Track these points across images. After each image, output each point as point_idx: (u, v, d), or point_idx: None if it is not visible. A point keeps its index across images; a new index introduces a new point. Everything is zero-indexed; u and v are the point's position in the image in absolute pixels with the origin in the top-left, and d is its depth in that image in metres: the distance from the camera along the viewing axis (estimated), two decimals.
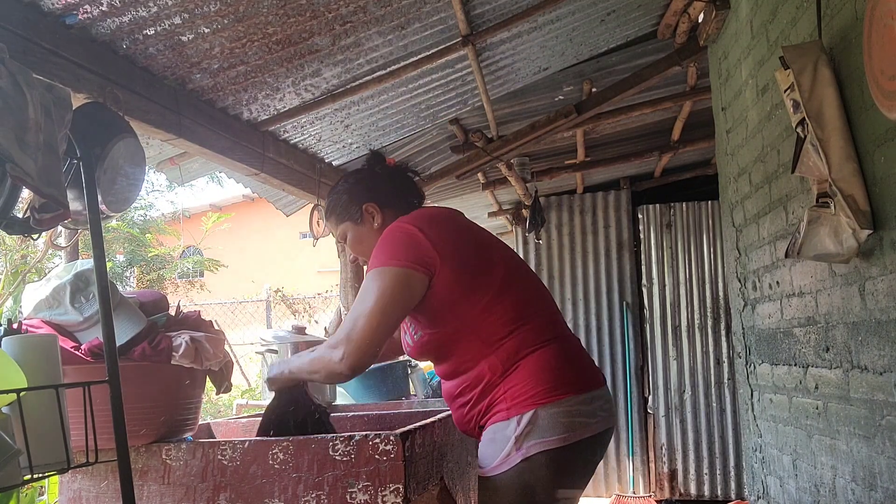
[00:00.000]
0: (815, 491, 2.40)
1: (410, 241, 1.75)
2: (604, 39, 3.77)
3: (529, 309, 1.80)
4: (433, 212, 1.90)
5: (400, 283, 1.72)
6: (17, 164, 1.34)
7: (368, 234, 1.92)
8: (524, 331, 1.76)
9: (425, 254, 1.73)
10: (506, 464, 1.69)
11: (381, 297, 1.71)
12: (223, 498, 1.71)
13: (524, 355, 1.73)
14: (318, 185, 3.73)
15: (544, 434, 1.67)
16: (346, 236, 1.97)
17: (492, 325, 1.75)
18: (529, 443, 1.67)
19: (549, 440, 1.67)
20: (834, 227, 1.92)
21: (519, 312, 1.77)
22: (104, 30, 2.14)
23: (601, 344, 5.92)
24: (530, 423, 1.67)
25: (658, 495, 5.74)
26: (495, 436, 1.72)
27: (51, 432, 1.34)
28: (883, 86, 1.66)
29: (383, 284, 1.72)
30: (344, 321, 1.77)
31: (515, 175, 5.09)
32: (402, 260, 1.72)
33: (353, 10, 2.50)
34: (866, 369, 1.94)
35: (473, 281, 1.76)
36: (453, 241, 1.79)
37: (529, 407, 1.68)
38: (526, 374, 1.72)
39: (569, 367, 1.77)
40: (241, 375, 8.27)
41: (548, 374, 1.72)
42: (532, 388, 1.70)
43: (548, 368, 1.72)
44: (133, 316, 1.83)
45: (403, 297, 1.73)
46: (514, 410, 1.70)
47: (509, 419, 1.70)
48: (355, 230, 1.95)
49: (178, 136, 2.55)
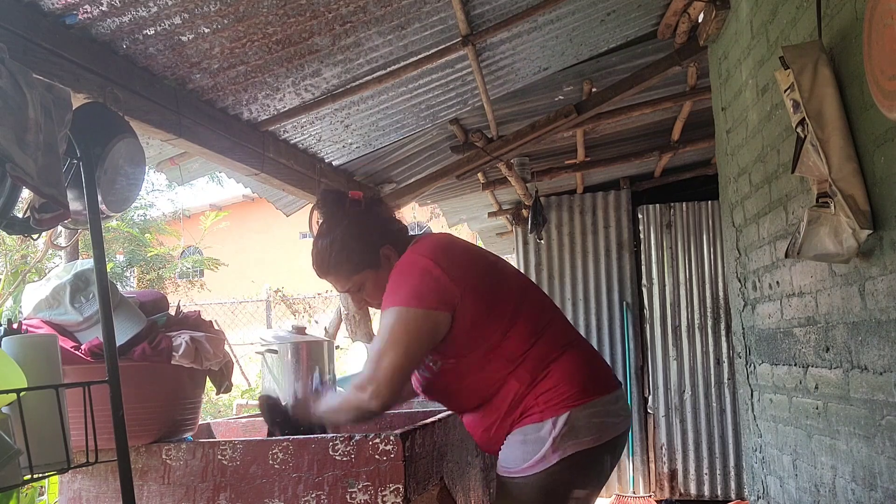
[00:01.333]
0: (815, 491, 2.41)
1: (431, 278, 1.73)
2: (604, 39, 3.77)
3: (543, 320, 1.82)
4: (443, 242, 1.86)
5: (424, 325, 1.72)
6: (17, 164, 1.34)
7: (386, 277, 1.84)
8: (543, 341, 1.78)
9: (446, 291, 1.72)
10: (542, 464, 1.71)
11: (404, 338, 1.71)
12: (223, 498, 1.71)
13: (552, 360, 1.76)
14: (318, 185, 3.73)
15: (580, 435, 1.71)
16: (363, 285, 1.89)
17: (514, 343, 1.77)
18: (567, 443, 1.70)
19: (585, 440, 1.71)
20: (834, 227, 1.92)
21: (535, 326, 1.80)
22: (104, 30, 2.14)
23: (601, 344, 5.92)
24: (566, 425, 1.70)
25: (658, 495, 5.74)
26: (527, 437, 1.73)
27: (51, 432, 1.35)
28: (883, 86, 1.66)
29: (408, 326, 1.71)
30: (368, 361, 1.77)
31: (515, 175, 5.09)
32: (426, 301, 1.72)
33: (353, 10, 2.50)
34: (866, 369, 1.94)
35: (493, 307, 1.77)
36: (470, 271, 1.79)
37: (564, 409, 1.71)
38: (557, 378, 1.74)
39: (593, 368, 1.82)
40: (241, 375, 8.27)
41: (578, 377, 1.75)
42: (566, 390, 1.73)
43: (577, 371, 1.76)
44: (133, 316, 1.83)
45: (427, 338, 1.73)
46: (547, 413, 1.72)
47: (543, 421, 1.72)
48: (375, 277, 1.87)
49: (178, 136, 2.55)
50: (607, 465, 1.80)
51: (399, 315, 1.72)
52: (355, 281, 1.89)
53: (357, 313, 4.53)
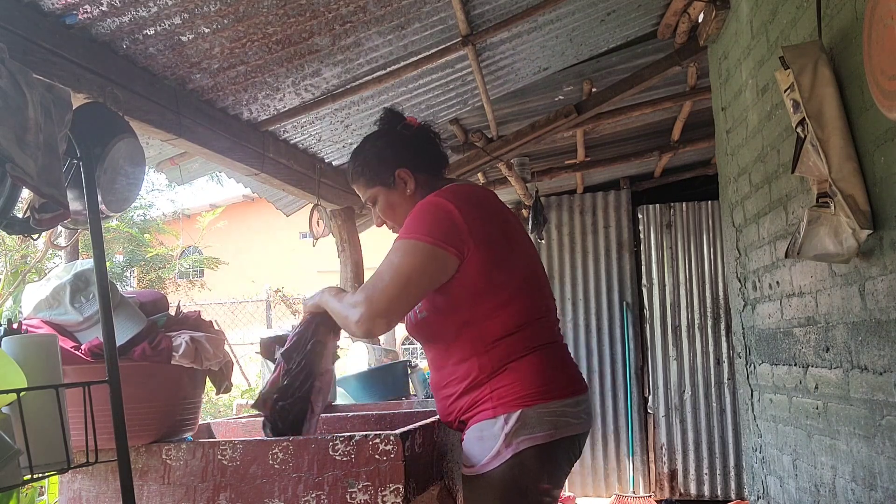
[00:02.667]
0: (815, 491, 2.41)
1: (449, 220, 1.71)
2: (604, 39, 3.77)
3: (537, 313, 1.80)
4: (472, 191, 1.84)
5: (432, 262, 1.70)
6: (17, 164, 1.34)
7: (401, 200, 1.88)
8: (523, 334, 1.76)
9: (461, 237, 1.70)
10: (496, 460, 1.70)
11: (409, 271, 1.69)
12: (223, 498, 1.71)
13: (514, 359, 1.74)
14: (318, 185, 3.73)
15: (533, 430, 1.69)
16: (376, 200, 1.92)
17: (495, 326, 1.75)
18: (519, 438, 1.69)
19: (538, 436, 1.69)
20: (834, 227, 1.92)
21: (526, 316, 1.78)
22: (104, 30, 2.14)
23: (601, 344, 5.92)
24: (519, 421, 1.69)
25: (658, 495, 5.74)
26: (482, 434, 1.73)
27: (51, 432, 1.34)
28: (883, 86, 1.66)
29: (414, 259, 1.70)
30: (369, 280, 1.74)
31: (515, 175, 5.09)
32: (438, 239, 1.69)
33: (353, 10, 2.50)
34: (866, 369, 1.94)
35: (497, 275, 1.75)
36: (488, 229, 1.76)
37: (516, 407, 1.70)
38: (514, 377, 1.73)
39: (557, 372, 1.78)
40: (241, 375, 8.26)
41: (535, 378, 1.73)
42: (520, 390, 1.72)
43: (536, 373, 1.74)
44: (133, 316, 1.83)
45: (432, 276, 1.71)
46: (500, 409, 1.71)
47: (496, 417, 1.71)
48: (387, 195, 1.90)
49: (178, 136, 2.55)
50: (563, 463, 1.78)
51: (409, 246, 1.71)
52: (370, 194, 1.92)
53: None
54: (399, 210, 1.88)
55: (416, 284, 1.70)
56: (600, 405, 5.89)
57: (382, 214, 1.93)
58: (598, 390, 5.90)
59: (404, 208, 1.86)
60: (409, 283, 1.69)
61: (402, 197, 1.88)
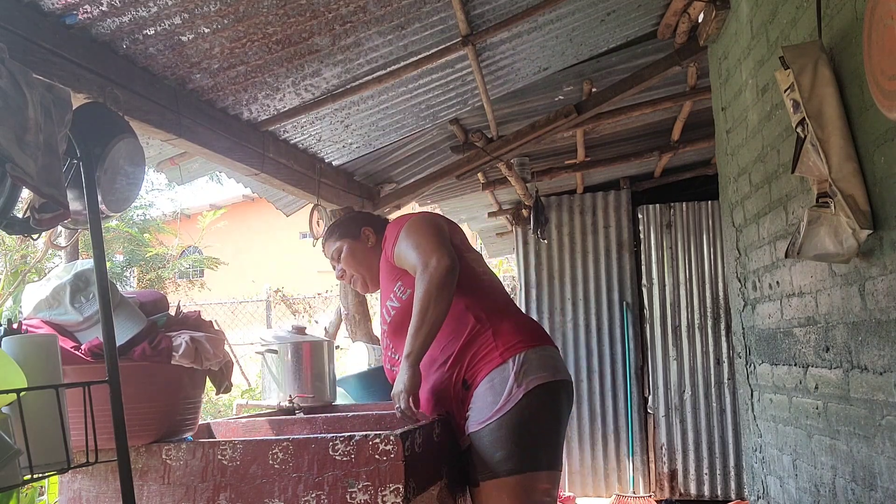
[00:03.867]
0: (815, 491, 2.41)
1: (440, 218, 2.17)
2: (604, 39, 3.77)
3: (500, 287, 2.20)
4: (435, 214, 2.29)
5: (439, 220, 2.14)
6: (17, 164, 1.34)
7: (363, 251, 2.31)
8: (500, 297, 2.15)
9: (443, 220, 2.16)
10: (510, 402, 1.89)
11: (429, 227, 2.07)
12: (223, 498, 1.71)
13: (504, 314, 2.06)
14: (318, 185, 3.73)
15: (539, 370, 1.94)
16: (341, 252, 2.32)
17: (474, 282, 2.09)
18: (529, 378, 1.91)
19: (543, 375, 1.94)
20: (834, 227, 1.92)
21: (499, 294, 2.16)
22: (104, 30, 2.14)
23: (601, 344, 5.92)
24: (526, 362, 1.93)
25: (658, 495, 5.74)
26: (494, 381, 1.92)
27: (51, 432, 1.35)
28: (883, 86, 1.66)
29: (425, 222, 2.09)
30: (413, 253, 2.02)
31: (515, 175, 5.09)
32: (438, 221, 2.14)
33: (353, 10, 2.50)
34: (866, 369, 1.94)
35: (468, 261, 2.13)
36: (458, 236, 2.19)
37: (520, 349, 1.95)
38: (510, 322, 2.03)
39: (535, 325, 2.14)
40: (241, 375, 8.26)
41: (526, 326, 2.07)
42: (518, 335, 1.98)
43: (525, 321, 2.10)
44: (133, 316, 1.83)
45: (445, 227, 2.11)
46: (507, 353, 1.94)
47: (505, 362, 1.93)
48: (351, 245, 2.32)
49: (178, 136, 2.55)
50: (564, 404, 2.01)
51: (416, 220, 2.10)
52: (337, 247, 2.34)
53: (357, 313, 4.53)
54: (360, 259, 2.31)
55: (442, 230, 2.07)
56: (600, 405, 5.89)
57: (345, 264, 2.32)
58: (598, 390, 5.90)
59: (365, 257, 2.30)
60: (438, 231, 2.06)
61: (365, 247, 2.31)
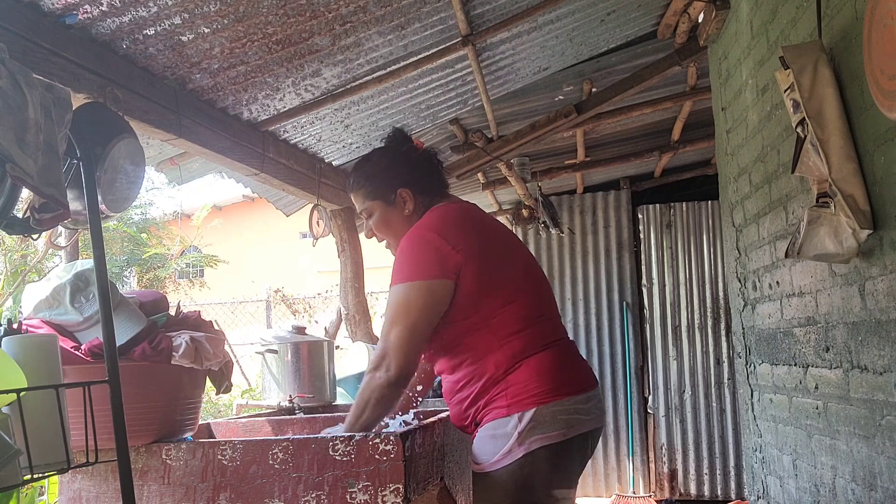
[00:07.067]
0: (815, 491, 2.40)
1: (432, 249, 1.79)
2: (604, 39, 3.77)
3: (540, 310, 1.86)
4: (450, 213, 1.91)
5: (427, 296, 1.78)
6: (17, 164, 1.34)
7: (398, 219, 1.95)
8: (532, 331, 1.81)
9: (448, 260, 1.78)
10: (508, 458, 1.73)
11: (408, 311, 1.77)
12: (223, 498, 1.71)
13: (528, 355, 1.79)
14: (318, 185, 3.73)
15: (546, 429, 1.73)
16: (372, 213, 1.98)
17: (505, 318, 1.80)
18: (532, 438, 1.72)
19: (551, 435, 1.73)
20: (834, 227, 1.92)
21: (531, 311, 1.83)
22: (104, 30, 2.14)
23: (601, 344, 5.92)
24: (533, 420, 1.73)
25: (658, 495, 5.74)
26: (496, 432, 1.76)
27: (51, 432, 1.34)
28: (883, 86, 1.66)
29: (409, 299, 1.78)
30: (380, 339, 1.81)
31: (515, 175, 5.09)
32: (427, 273, 1.78)
33: (353, 10, 2.50)
34: (866, 369, 1.94)
35: (496, 275, 1.82)
36: (475, 240, 1.83)
37: (531, 405, 1.74)
38: (528, 374, 1.77)
39: (568, 369, 1.83)
40: (241, 375, 8.26)
41: (549, 376, 1.78)
42: (535, 388, 1.76)
43: (549, 370, 1.78)
44: (133, 316, 1.83)
45: (432, 308, 1.79)
46: (514, 408, 1.75)
47: (510, 415, 1.74)
48: (384, 211, 1.96)
49: (178, 136, 2.55)
50: (576, 462, 1.82)
51: (402, 291, 1.79)
52: (368, 206, 1.98)
53: (357, 313, 4.53)
54: (393, 227, 1.96)
55: (424, 322, 1.79)
56: None
57: (375, 228, 2.00)
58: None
59: (399, 227, 1.94)
60: (415, 322, 1.77)
61: (400, 216, 1.95)
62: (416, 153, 2.00)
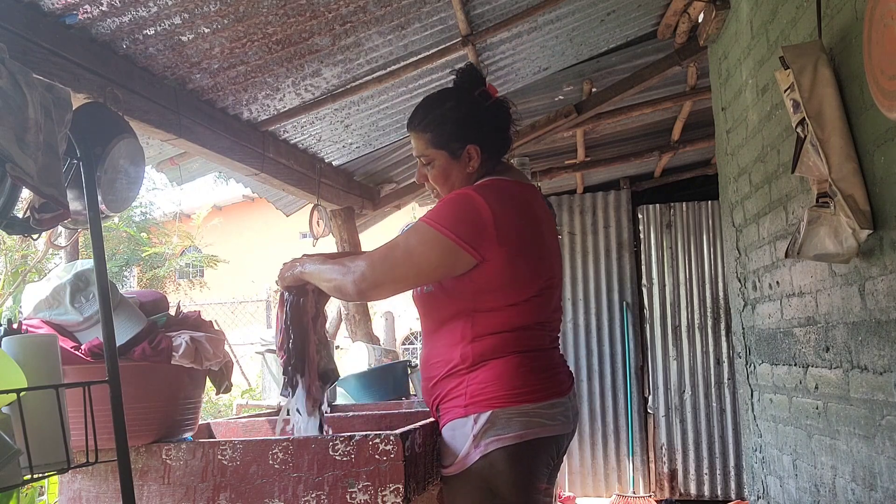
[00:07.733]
0: (815, 491, 2.41)
1: (479, 220, 1.68)
2: (604, 39, 3.77)
3: (533, 320, 1.78)
4: (514, 191, 1.80)
5: (447, 257, 1.69)
6: (17, 164, 1.34)
7: (459, 175, 1.82)
8: (510, 336, 1.74)
9: (486, 239, 1.68)
10: (466, 460, 1.71)
11: (421, 261, 1.71)
12: (223, 498, 1.71)
13: (495, 357, 1.73)
14: (318, 185, 3.74)
15: (500, 431, 1.68)
16: (432, 161, 1.83)
17: (490, 319, 1.74)
18: (487, 440, 1.68)
19: (506, 437, 1.68)
20: (834, 227, 1.92)
21: (524, 321, 1.76)
22: (104, 30, 2.14)
23: (601, 344, 5.92)
24: (488, 423, 1.69)
25: (658, 495, 5.74)
26: (454, 432, 1.74)
27: (51, 432, 1.34)
28: (883, 86, 1.66)
29: (431, 252, 1.70)
30: (378, 249, 1.75)
31: None
32: (461, 237, 1.67)
33: (353, 10, 2.50)
34: (866, 369, 1.94)
35: (514, 282, 1.73)
36: (518, 235, 1.72)
37: (486, 408, 1.70)
38: (490, 375, 1.72)
39: (536, 376, 1.75)
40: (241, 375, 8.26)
41: (510, 381, 1.71)
42: (491, 391, 1.71)
43: (512, 375, 1.72)
44: (133, 316, 1.83)
45: (443, 270, 1.72)
46: (471, 409, 1.71)
47: (467, 416, 1.71)
48: (447, 163, 1.82)
49: (178, 136, 2.55)
50: (541, 462, 1.75)
51: (430, 235, 1.69)
52: (430, 154, 1.83)
53: (357, 313, 4.53)
54: (451, 181, 1.83)
55: (425, 274, 1.73)
56: (600, 405, 5.89)
57: (432, 177, 1.85)
58: (598, 390, 5.89)
59: (459, 182, 1.82)
60: (418, 272, 1.73)
61: (462, 172, 1.82)
62: (486, 100, 1.84)
